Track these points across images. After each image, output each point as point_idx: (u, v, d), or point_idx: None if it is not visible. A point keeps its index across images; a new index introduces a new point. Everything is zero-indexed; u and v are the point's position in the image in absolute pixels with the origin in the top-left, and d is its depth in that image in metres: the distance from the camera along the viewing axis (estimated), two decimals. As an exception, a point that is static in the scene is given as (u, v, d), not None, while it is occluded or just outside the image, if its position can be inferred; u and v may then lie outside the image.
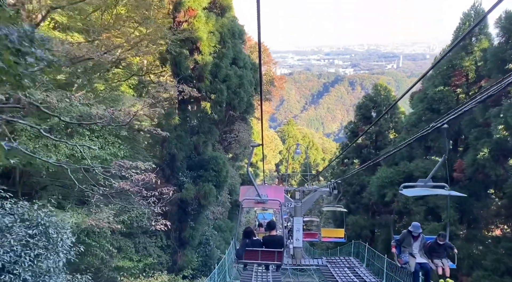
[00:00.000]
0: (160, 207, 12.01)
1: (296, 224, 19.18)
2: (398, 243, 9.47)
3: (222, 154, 17.31)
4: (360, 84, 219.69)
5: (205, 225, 19.27)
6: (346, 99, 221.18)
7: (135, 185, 10.69)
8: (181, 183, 16.74)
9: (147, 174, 10.69)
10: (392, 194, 18.87)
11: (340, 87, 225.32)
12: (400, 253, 9.35)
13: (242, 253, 8.21)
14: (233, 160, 28.66)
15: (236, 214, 33.64)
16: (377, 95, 25.98)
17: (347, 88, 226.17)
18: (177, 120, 15.69)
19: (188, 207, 16.95)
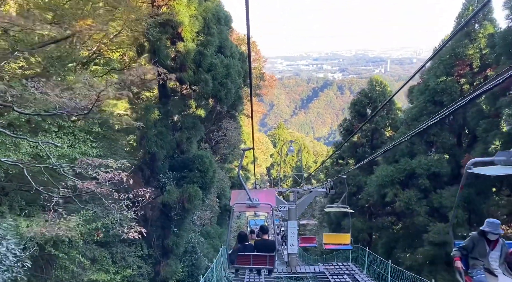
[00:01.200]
0: (135, 212, 10.37)
1: (290, 228, 17.63)
2: (464, 252, 5.77)
3: (209, 152, 15.73)
4: (348, 88, 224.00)
5: (191, 232, 17.60)
6: (335, 103, 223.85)
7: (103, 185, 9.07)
8: (163, 185, 15.10)
9: (116, 173, 9.08)
10: (393, 193, 17.49)
11: (329, 92, 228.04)
12: (470, 269, 5.62)
13: (234, 258, 8.33)
14: (222, 161, 27.05)
15: (226, 219, 32.03)
16: (372, 91, 24.71)
17: (336, 93, 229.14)
18: (157, 115, 14.10)
19: (171, 212, 15.30)
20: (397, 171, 17.55)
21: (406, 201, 16.76)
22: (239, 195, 8.27)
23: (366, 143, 25.15)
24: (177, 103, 14.24)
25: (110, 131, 14.89)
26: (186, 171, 15.56)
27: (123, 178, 9.53)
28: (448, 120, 17.45)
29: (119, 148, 15.14)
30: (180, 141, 14.40)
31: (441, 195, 16.06)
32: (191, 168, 15.46)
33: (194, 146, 15.06)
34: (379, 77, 24.80)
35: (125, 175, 9.57)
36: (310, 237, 18.55)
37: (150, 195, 11.18)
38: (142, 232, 9.88)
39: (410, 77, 6.10)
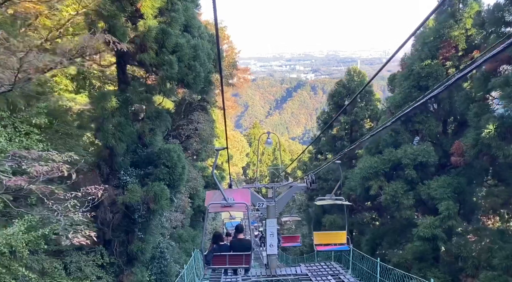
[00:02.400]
0: (83, 213, 8.61)
1: (269, 227, 16.11)
2: None
3: (177, 146, 14.00)
4: (321, 88, 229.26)
5: (158, 236, 15.80)
6: (309, 103, 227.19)
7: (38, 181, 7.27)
8: (124, 183, 13.27)
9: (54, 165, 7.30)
10: (378, 186, 16.30)
11: (303, 92, 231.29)
12: None
13: (210, 258, 8.31)
14: (194, 159, 25.27)
15: (199, 221, 30.24)
16: (351, 81, 23.63)
17: (309, 93, 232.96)
18: (114, 103, 12.27)
19: (135, 214, 13.49)
20: (381, 162, 16.37)
21: (392, 194, 15.60)
22: (214, 195, 8.21)
23: (345, 136, 24.03)
24: (138, 90, 12.47)
25: (64, 126, 13.02)
26: (150, 167, 13.79)
27: (64, 171, 7.75)
28: (434, 107, 16.47)
29: (76, 144, 13.24)
30: (142, 132, 12.61)
31: (429, 186, 14.99)
32: (157, 163, 13.70)
33: (159, 138, 13.30)
34: (356, 67, 23.73)
35: (66, 168, 7.79)
36: (294, 235, 17.07)
37: (104, 193, 9.45)
38: (93, 236, 8.11)
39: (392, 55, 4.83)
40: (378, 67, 23.93)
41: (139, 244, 13.81)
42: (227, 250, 8.49)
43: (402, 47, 4.40)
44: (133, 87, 12.59)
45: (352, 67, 23.61)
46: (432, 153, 15.35)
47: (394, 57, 4.90)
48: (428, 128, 15.94)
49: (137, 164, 13.95)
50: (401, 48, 4.42)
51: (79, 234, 7.89)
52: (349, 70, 23.72)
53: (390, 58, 5.21)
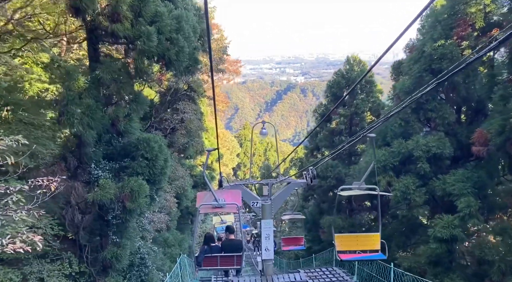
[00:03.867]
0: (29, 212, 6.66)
1: (264, 228, 14.17)
2: None
3: (158, 137, 12.06)
4: (311, 91, 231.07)
5: (138, 240, 13.80)
6: (299, 106, 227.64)
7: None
8: (96, 178, 11.28)
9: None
10: (386, 182, 14.54)
11: (293, 95, 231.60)
12: None
13: (201, 260, 8.31)
14: (181, 157, 23.28)
15: (188, 224, 28.22)
16: (350, 70, 21.93)
17: (299, 96, 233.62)
18: (82, 83, 10.30)
19: (108, 214, 11.49)
20: (390, 155, 14.63)
21: (403, 190, 13.85)
22: (205, 196, 8.21)
23: (344, 130, 22.29)
24: (111, 68, 10.51)
25: (30, 115, 11.03)
26: (127, 160, 11.81)
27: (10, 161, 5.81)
28: (447, 93, 14.82)
29: (42, 136, 11.23)
30: (115, 117, 10.63)
31: (445, 181, 13.28)
32: (134, 155, 11.73)
33: (136, 126, 11.34)
34: (357, 56, 22.04)
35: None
36: (297, 237, 15.14)
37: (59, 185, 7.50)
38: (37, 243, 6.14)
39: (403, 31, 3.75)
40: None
41: (114, 249, 11.79)
42: (218, 251, 8.44)
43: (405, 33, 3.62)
44: (105, 66, 10.63)
45: (352, 55, 21.93)
46: (447, 143, 13.67)
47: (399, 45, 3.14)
48: (442, 117, 14.25)
49: (112, 156, 11.96)
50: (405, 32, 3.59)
51: (18, 238, 5.89)
52: (349, 59, 22.00)
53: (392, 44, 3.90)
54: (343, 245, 8.37)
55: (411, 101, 6.96)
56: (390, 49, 4.00)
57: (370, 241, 8.99)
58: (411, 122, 14.80)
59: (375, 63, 5.74)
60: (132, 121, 10.99)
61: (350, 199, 23.01)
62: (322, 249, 20.56)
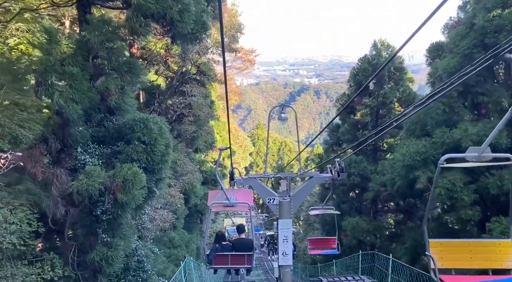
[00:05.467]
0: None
1: (282, 230, 12.08)
2: None
3: (158, 118, 10.12)
4: (325, 93, 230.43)
5: (135, 239, 11.86)
6: (312, 108, 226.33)
7: None
8: (82, 164, 9.38)
9: None
10: (427, 178, 12.32)
11: (306, 96, 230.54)
12: None
13: (212, 258, 8.32)
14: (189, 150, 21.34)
15: (197, 223, 26.30)
16: (377, 56, 19.72)
17: (313, 97, 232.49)
18: (65, 47, 8.43)
19: (97, 208, 9.58)
20: (431, 147, 12.40)
21: (448, 188, 11.61)
22: (217, 195, 8.36)
23: (369, 123, 20.07)
24: (100, 30, 8.63)
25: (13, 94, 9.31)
26: (121, 143, 9.88)
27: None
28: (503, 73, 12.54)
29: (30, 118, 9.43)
30: (105, 90, 8.70)
31: (502, 177, 11.02)
32: (129, 138, 9.80)
33: (130, 101, 9.39)
34: (385, 40, 19.80)
35: None
36: (327, 238, 12.94)
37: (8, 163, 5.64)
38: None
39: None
40: (382, 71, 18.38)
41: (104, 250, 9.85)
42: (229, 250, 8.48)
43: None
44: (93, 27, 8.73)
45: (380, 39, 19.71)
46: (503, 133, 11.38)
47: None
48: (495, 102, 11.97)
49: (103, 139, 10.04)
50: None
51: None
52: (375, 43, 19.77)
53: (426, 19, 3.09)
54: None
55: (460, 81, 5.13)
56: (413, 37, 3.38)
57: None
58: (457, 108, 12.56)
59: (405, 43, 4.26)
60: (125, 96, 9.04)
61: (375, 199, 20.81)
62: (343, 254, 18.38)
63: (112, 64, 8.89)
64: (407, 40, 3.54)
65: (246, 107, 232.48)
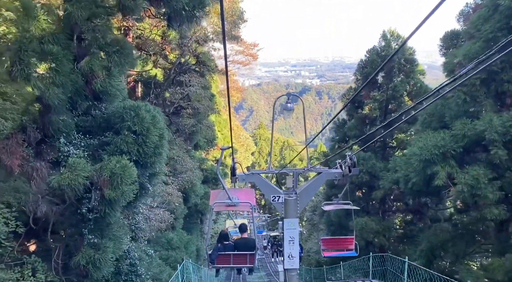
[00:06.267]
0: None
1: (288, 230, 11.05)
2: None
3: (150, 106, 9.13)
4: (327, 93, 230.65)
5: (128, 240, 10.82)
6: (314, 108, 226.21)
7: None
8: (65, 157, 8.38)
9: None
10: (446, 173, 11.26)
11: (308, 97, 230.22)
12: None
13: (214, 257, 8.32)
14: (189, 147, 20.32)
15: (197, 224, 25.25)
16: (387, 47, 18.66)
17: (315, 98, 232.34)
18: (44, 23, 7.44)
19: (82, 206, 8.57)
20: (451, 139, 11.34)
21: (471, 184, 10.55)
22: (219, 195, 8.27)
23: (378, 117, 19.01)
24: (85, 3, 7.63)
25: None
26: (109, 133, 8.88)
27: None
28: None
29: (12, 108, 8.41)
30: (89, 71, 7.70)
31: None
32: (119, 128, 8.80)
33: (118, 85, 8.37)
34: (394, 30, 18.74)
35: None
36: (345, 237, 11.81)
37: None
38: None
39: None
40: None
41: (91, 253, 8.83)
42: (232, 250, 8.46)
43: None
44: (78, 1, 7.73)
45: (389, 29, 18.67)
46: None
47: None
48: (522, 88, 10.93)
49: (90, 129, 9.06)
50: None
51: None
52: (385, 34, 18.70)
53: None
54: None
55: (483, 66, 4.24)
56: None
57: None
58: (480, 97, 11.50)
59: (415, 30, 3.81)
60: (112, 78, 8.02)
61: (384, 198, 19.73)
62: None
63: (98, 43, 7.88)
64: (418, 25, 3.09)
65: (248, 108, 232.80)
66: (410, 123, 18.76)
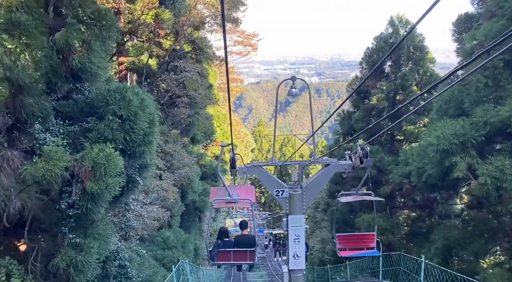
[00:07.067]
0: None
1: (293, 227, 10.01)
2: None
3: (137, 87, 8.09)
4: (326, 91, 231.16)
5: (117, 239, 9.80)
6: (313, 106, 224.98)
7: None
8: (41, 144, 7.34)
9: None
10: (466, 164, 10.25)
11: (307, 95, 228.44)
12: None
13: (215, 254, 8.39)
14: (186, 140, 19.27)
15: (195, 222, 24.25)
16: (395, 34, 17.61)
17: (314, 96, 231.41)
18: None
19: (61, 201, 7.54)
20: (472, 127, 10.32)
21: (495, 176, 9.53)
22: (219, 192, 8.29)
23: (386, 108, 17.96)
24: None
25: None
26: (92, 119, 7.83)
27: None
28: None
29: None
30: (66, 45, 6.65)
31: None
32: (103, 112, 7.76)
33: (100, 63, 7.32)
34: (403, 16, 17.67)
35: None
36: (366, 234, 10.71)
37: None
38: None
39: None
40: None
41: (72, 254, 7.79)
42: (232, 246, 8.48)
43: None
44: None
45: (398, 15, 17.61)
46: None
47: None
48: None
49: (71, 114, 8.02)
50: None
51: None
52: (392, 20, 17.63)
53: None
54: None
55: None
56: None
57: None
58: (503, 81, 10.47)
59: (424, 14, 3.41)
60: (93, 54, 6.97)
61: (392, 194, 18.73)
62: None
63: (74, 12, 6.82)
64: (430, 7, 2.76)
65: (247, 107, 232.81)
66: (419, 114, 17.78)
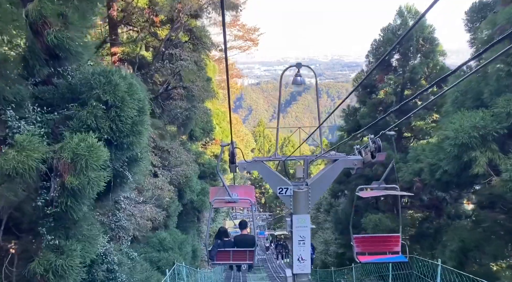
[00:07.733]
0: None
1: (298, 228, 9.17)
2: None
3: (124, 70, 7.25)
4: (326, 92, 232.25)
5: (105, 240, 8.92)
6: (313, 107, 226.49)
7: None
8: (13, 133, 6.47)
9: None
10: (487, 159, 9.39)
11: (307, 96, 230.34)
12: None
13: (214, 254, 8.34)
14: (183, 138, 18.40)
15: (193, 222, 23.39)
16: (403, 25, 16.77)
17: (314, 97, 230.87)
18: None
19: (38, 197, 6.67)
20: (492, 120, 9.46)
21: (520, 171, 8.66)
22: (218, 191, 8.29)
23: (394, 103, 17.10)
24: None
25: None
26: (73, 105, 6.97)
27: None
28: None
29: None
30: (39, 18, 5.80)
31: None
32: (86, 98, 6.90)
33: (80, 40, 6.47)
34: (412, 6, 16.82)
35: None
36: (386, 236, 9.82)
37: None
38: None
39: None
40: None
41: (51, 258, 6.91)
42: (231, 246, 8.49)
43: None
44: None
45: (406, 6, 16.75)
46: None
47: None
48: None
49: (51, 101, 7.16)
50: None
51: None
52: (401, 10, 16.76)
53: None
54: None
55: None
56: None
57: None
58: (526, 68, 9.62)
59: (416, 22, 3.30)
60: (71, 28, 6.11)
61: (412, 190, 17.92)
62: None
63: (51, -18, 5.97)
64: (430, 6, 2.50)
65: (247, 107, 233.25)
66: (429, 109, 16.94)
